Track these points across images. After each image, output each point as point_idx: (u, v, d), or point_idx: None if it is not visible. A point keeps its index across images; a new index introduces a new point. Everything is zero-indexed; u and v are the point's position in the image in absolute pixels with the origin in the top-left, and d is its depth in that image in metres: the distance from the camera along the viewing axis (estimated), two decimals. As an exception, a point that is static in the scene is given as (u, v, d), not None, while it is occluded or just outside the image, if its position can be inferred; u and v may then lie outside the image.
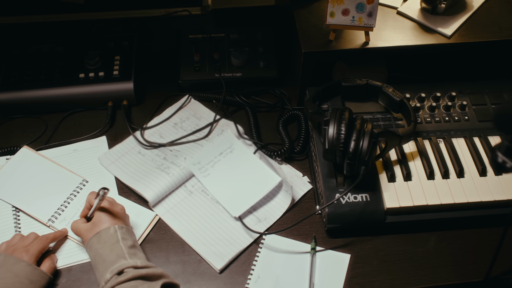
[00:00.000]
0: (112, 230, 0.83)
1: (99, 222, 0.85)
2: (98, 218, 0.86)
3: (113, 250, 0.81)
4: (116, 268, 0.78)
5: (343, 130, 0.86)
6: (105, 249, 0.82)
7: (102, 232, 0.83)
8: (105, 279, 0.78)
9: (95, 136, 1.07)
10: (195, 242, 0.91)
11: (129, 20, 1.28)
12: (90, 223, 0.87)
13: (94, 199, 0.86)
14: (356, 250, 0.91)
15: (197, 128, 1.06)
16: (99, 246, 0.82)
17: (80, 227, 0.87)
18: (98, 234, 0.83)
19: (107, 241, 0.82)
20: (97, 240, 0.83)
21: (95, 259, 0.82)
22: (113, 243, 0.82)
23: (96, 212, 0.87)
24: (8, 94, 1.08)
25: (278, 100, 1.12)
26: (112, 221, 0.85)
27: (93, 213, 0.87)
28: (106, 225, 0.84)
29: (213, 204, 0.96)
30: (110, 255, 0.81)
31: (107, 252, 0.81)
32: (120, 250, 0.81)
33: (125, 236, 0.84)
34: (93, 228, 0.85)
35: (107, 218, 0.85)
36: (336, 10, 0.98)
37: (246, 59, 1.12)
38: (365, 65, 1.08)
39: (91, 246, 0.83)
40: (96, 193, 0.87)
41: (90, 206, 0.88)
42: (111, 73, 1.10)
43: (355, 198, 0.90)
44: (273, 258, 0.90)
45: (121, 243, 0.82)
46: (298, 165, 1.03)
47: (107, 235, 0.83)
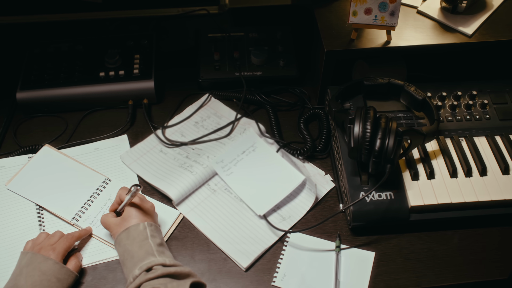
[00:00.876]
0: (141, 226, 0.84)
1: (128, 217, 0.85)
2: (128, 214, 0.86)
3: (142, 247, 0.81)
4: (145, 265, 0.78)
5: (369, 129, 0.87)
6: (134, 245, 0.82)
7: (131, 228, 0.83)
8: (133, 275, 0.78)
9: (116, 135, 1.07)
10: (220, 241, 0.91)
11: (146, 19, 1.28)
12: (120, 217, 0.87)
13: (126, 195, 0.86)
14: (380, 248, 0.91)
15: (218, 127, 1.06)
16: (128, 242, 0.83)
17: (109, 221, 0.88)
18: (127, 230, 0.83)
19: (136, 238, 0.82)
20: (126, 236, 0.83)
21: (124, 255, 0.83)
22: (142, 240, 0.82)
23: (126, 208, 0.87)
24: (28, 93, 1.08)
25: (298, 99, 1.12)
26: (141, 218, 0.86)
27: (123, 208, 0.87)
28: (136, 221, 0.85)
29: (236, 202, 0.96)
30: (139, 251, 0.81)
31: (136, 248, 0.81)
32: (149, 247, 0.81)
33: (154, 234, 0.84)
34: (123, 223, 0.85)
35: (137, 214, 0.86)
36: (359, 9, 0.98)
37: (266, 58, 1.13)
38: (385, 64, 1.08)
39: (120, 241, 0.84)
40: (127, 188, 0.88)
41: (120, 201, 0.89)
42: (131, 71, 1.10)
43: (380, 196, 0.91)
44: (298, 256, 0.90)
45: (150, 240, 0.82)
46: (320, 164, 1.03)
47: (136, 231, 0.83)
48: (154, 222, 0.88)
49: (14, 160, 1.02)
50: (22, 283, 0.80)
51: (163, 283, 0.75)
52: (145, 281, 0.76)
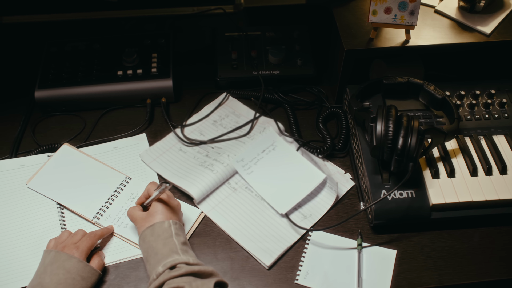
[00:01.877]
0: (166, 224, 0.84)
1: (155, 213, 0.86)
2: (154, 209, 0.87)
3: (166, 244, 0.82)
4: (169, 262, 0.78)
5: (391, 127, 0.87)
6: (158, 242, 0.82)
7: (156, 225, 0.84)
8: (157, 272, 0.78)
9: (134, 133, 1.07)
10: (242, 239, 0.91)
11: (161, 18, 1.29)
12: (146, 212, 0.88)
13: (154, 190, 0.87)
14: (402, 246, 0.92)
15: (237, 126, 1.07)
16: (152, 238, 0.83)
17: (136, 214, 0.88)
18: (152, 226, 0.84)
19: (161, 235, 0.83)
20: (150, 233, 0.83)
21: (147, 251, 0.83)
22: (166, 237, 0.82)
23: (153, 203, 0.87)
24: (47, 92, 1.08)
25: (316, 98, 1.12)
26: (167, 215, 0.86)
27: (150, 203, 0.88)
28: (161, 218, 0.85)
29: (257, 201, 0.96)
30: (163, 248, 0.81)
31: (160, 245, 0.82)
32: (173, 245, 0.82)
33: (178, 232, 0.84)
34: (148, 218, 0.86)
35: (163, 211, 0.86)
36: (379, 9, 0.99)
37: (284, 57, 1.13)
38: (402, 63, 1.09)
39: (144, 237, 0.84)
40: (156, 184, 0.89)
41: (148, 195, 0.89)
42: (149, 70, 1.10)
43: (401, 195, 0.91)
44: (320, 254, 0.91)
45: (174, 238, 0.83)
46: (339, 162, 1.03)
47: (161, 228, 0.83)
48: (179, 220, 0.88)
49: (34, 158, 1.02)
50: (47, 281, 0.80)
51: (187, 282, 0.75)
52: (169, 279, 0.76)
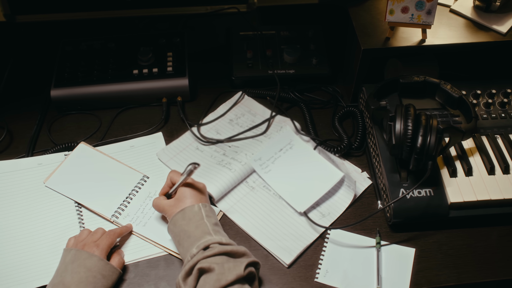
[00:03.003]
0: (196, 207, 0.85)
1: (183, 198, 0.87)
2: (182, 194, 0.87)
3: (198, 227, 0.82)
4: (202, 244, 0.79)
5: (410, 126, 0.87)
6: (190, 225, 0.83)
7: (187, 209, 0.85)
8: (191, 253, 0.79)
9: (150, 132, 1.07)
10: (261, 237, 0.91)
11: (174, 17, 1.29)
12: (174, 199, 0.88)
13: (181, 175, 0.87)
14: (420, 244, 0.92)
15: (253, 125, 1.07)
16: (184, 222, 0.84)
17: (163, 203, 0.89)
18: (182, 211, 0.85)
19: (192, 218, 0.84)
20: (181, 217, 0.84)
21: (180, 235, 0.84)
22: (198, 220, 0.83)
23: (180, 188, 0.88)
24: (63, 90, 1.08)
25: (331, 97, 1.13)
26: (196, 198, 0.87)
27: (176, 189, 0.88)
28: (190, 202, 0.86)
29: (275, 199, 0.96)
30: (195, 231, 0.82)
31: (192, 228, 0.82)
32: (205, 227, 0.82)
33: (209, 214, 0.85)
34: (178, 204, 0.86)
35: (192, 194, 0.87)
36: (396, 8, 0.99)
37: (299, 56, 1.13)
38: (417, 62, 1.09)
39: (175, 222, 0.85)
40: (178, 172, 0.89)
41: (171, 184, 0.90)
42: (165, 69, 1.11)
43: (419, 193, 0.91)
44: (339, 253, 0.91)
45: (206, 220, 0.84)
46: (355, 161, 1.04)
47: (191, 212, 0.84)
48: (207, 202, 0.89)
49: (51, 157, 1.02)
50: (68, 279, 0.80)
51: (220, 262, 0.76)
52: (203, 259, 0.77)
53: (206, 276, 0.76)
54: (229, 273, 0.75)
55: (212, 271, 0.75)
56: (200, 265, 0.76)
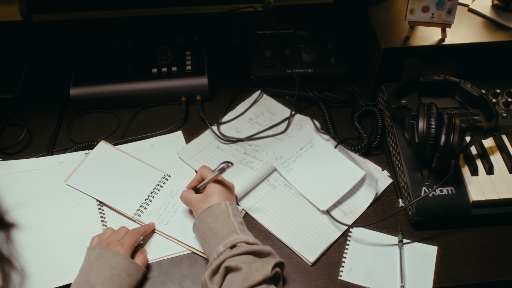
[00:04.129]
0: (223, 205, 0.85)
1: (212, 194, 0.87)
2: (211, 190, 0.87)
3: (225, 225, 0.83)
4: (229, 242, 0.79)
5: (433, 125, 0.88)
6: (217, 223, 0.83)
7: (214, 206, 0.85)
8: (217, 251, 0.79)
9: (170, 131, 1.07)
10: (284, 236, 0.92)
11: (190, 16, 1.29)
12: (202, 194, 0.89)
13: (212, 172, 0.88)
14: (442, 242, 0.92)
15: (272, 123, 1.07)
16: (210, 220, 0.84)
17: (191, 197, 0.89)
18: (209, 208, 0.85)
19: (219, 216, 0.84)
20: (208, 214, 0.84)
21: (206, 233, 0.84)
22: (224, 218, 0.83)
23: (210, 184, 0.88)
24: (82, 89, 1.08)
25: (350, 96, 1.13)
26: (224, 195, 0.87)
27: (205, 185, 0.89)
28: (218, 198, 0.86)
29: (297, 198, 0.97)
30: (222, 229, 0.82)
31: (219, 226, 0.83)
32: (232, 225, 0.83)
33: (235, 213, 0.85)
34: (206, 199, 0.86)
35: (221, 191, 0.87)
36: (417, 7, 0.99)
37: (317, 55, 1.14)
38: (435, 62, 1.09)
39: (202, 219, 0.85)
40: (209, 168, 0.90)
41: (201, 179, 0.90)
42: (184, 68, 1.11)
43: (441, 191, 0.92)
44: (362, 251, 0.91)
45: (232, 219, 0.84)
46: (375, 160, 1.04)
47: (218, 210, 0.84)
48: (234, 201, 0.89)
49: (71, 156, 1.02)
50: (94, 278, 0.80)
51: (247, 262, 0.76)
52: (230, 257, 0.77)
53: (233, 275, 0.76)
54: (256, 273, 0.75)
55: (240, 270, 0.75)
56: (227, 264, 0.76)
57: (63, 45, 1.25)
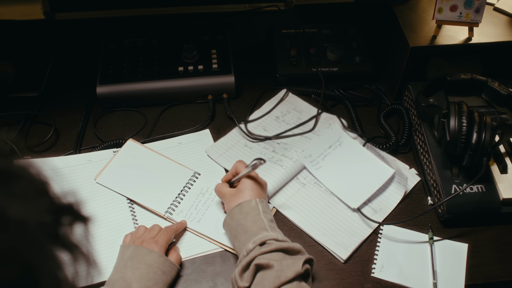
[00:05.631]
0: (253, 202, 0.85)
1: (245, 189, 0.87)
2: (244, 185, 0.88)
3: (255, 222, 0.83)
4: (259, 239, 0.79)
5: (465, 123, 0.88)
6: (247, 220, 0.83)
7: (244, 203, 0.85)
8: (247, 248, 0.79)
9: (197, 129, 1.07)
10: (316, 233, 0.92)
11: (212, 15, 1.29)
12: (235, 188, 0.89)
13: (245, 168, 0.88)
14: (472, 240, 0.93)
15: (299, 122, 1.07)
16: (241, 217, 0.84)
17: (225, 190, 0.90)
18: (240, 205, 0.85)
19: (249, 213, 0.84)
20: (239, 211, 0.85)
21: (236, 229, 0.84)
22: (254, 215, 0.83)
23: (243, 179, 0.88)
24: (108, 87, 1.08)
25: (375, 95, 1.14)
26: (256, 192, 0.87)
27: (239, 179, 0.89)
28: (250, 194, 0.86)
29: (327, 195, 0.97)
30: (252, 226, 0.82)
31: (249, 223, 0.83)
32: (262, 223, 0.83)
33: (265, 210, 0.85)
34: (238, 194, 0.87)
35: (253, 187, 0.87)
36: (445, 6, 1.00)
37: (343, 54, 1.14)
38: (460, 61, 1.10)
39: (232, 216, 0.85)
40: (244, 162, 0.90)
41: (235, 173, 0.91)
42: (210, 66, 1.11)
43: (471, 189, 0.93)
44: (393, 248, 0.92)
45: (262, 216, 0.84)
46: (402, 158, 1.04)
47: (248, 207, 0.85)
48: (265, 198, 0.89)
49: (100, 154, 1.02)
50: (129, 275, 0.80)
51: (278, 259, 0.76)
52: (259, 255, 0.77)
53: (264, 273, 0.76)
54: (288, 270, 0.75)
55: (271, 267, 0.75)
56: (258, 261, 0.76)
57: (86, 43, 1.25)
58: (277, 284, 0.74)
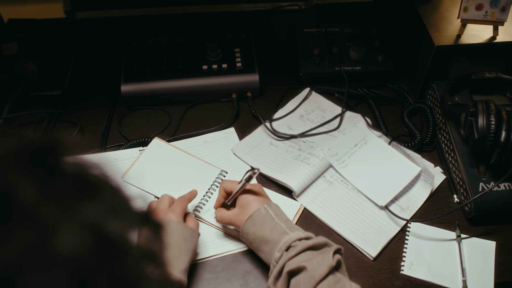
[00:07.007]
0: (263, 210, 0.83)
1: (247, 203, 0.84)
2: (244, 201, 0.85)
3: (273, 229, 0.81)
4: (283, 245, 0.78)
5: (493, 121, 0.89)
6: (264, 230, 0.81)
7: (254, 214, 0.82)
8: (275, 258, 0.78)
9: (222, 128, 1.08)
10: (345, 231, 0.92)
11: (233, 14, 1.30)
12: (237, 208, 0.86)
13: (238, 183, 0.86)
14: (500, 238, 0.93)
15: (324, 120, 1.08)
16: (256, 228, 0.82)
17: (227, 215, 0.87)
18: (250, 217, 0.83)
19: (263, 222, 0.82)
20: (251, 224, 0.82)
21: (256, 242, 0.82)
22: (269, 223, 0.82)
23: (240, 196, 0.86)
24: (132, 86, 1.08)
25: (397, 94, 1.14)
26: (259, 201, 0.85)
27: (235, 197, 0.87)
28: (255, 205, 0.84)
29: (354, 193, 0.98)
30: (271, 234, 0.80)
31: (267, 232, 0.81)
32: (279, 227, 0.81)
33: (277, 212, 0.84)
34: (243, 212, 0.84)
35: (254, 198, 0.85)
36: (470, 5, 1.01)
37: (365, 53, 1.14)
38: (483, 60, 1.11)
39: (247, 231, 0.83)
40: (229, 181, 0.88)
41: (225, 194, 0.89)
42: (234, 65, 1.11)
43: (498, 187, 0.93)
44: (421, 245, 0.92)
45: (277, 220, 0.82)
46: (426, 156, 1.05)
47: (260, 216, 0.82)
48: (270, 201, 0.87)
49: (126, 152, 1.02)
50: None
51: (307, 259, 0.75)
52: (288, 260, 0.76)
53: (298, 277, 0.75)
54: (320, 267, 0.74)
55: (303, 270, 0.74)
56: (289, 268, 0.75)
57: (106, 42, 1.25)
58: (313, 284, 0.73)
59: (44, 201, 0.33)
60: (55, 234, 0.32)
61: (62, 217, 0.34)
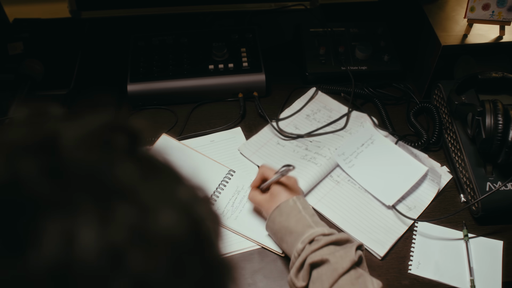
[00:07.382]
0: (291, 202, 0.85)
1: (277, 193, 0.87)
2: (276, 190, 0.87)
3: (298, 221, 0.82)
4: (307, 238, 0.79)
5: (501, 120, 0.89)
6: (290, 221, 0.83)
7: (282, 205, 0.85)
8: (297, 249, 0.79)
9: (229, 127, 1.08)
10: (352, 230, 0.93)
11: (238, 14, 1.29)
12: (268, 194, 0.89)
13: (274, 174, 0.87)
14: (507, 237, 0.93)
15: (330, 120, 1.08)
16: (282, 219, 0.84)
17: (259, 198, 0.90)
18: (278, 207, 0.85)
19: (290, 213, 0.84)
20: (279, 214, 0.84)
21: (280, 232, 0.84)
22: (295, 215, 0.83)
23: (273, 185, 0.88)
24: (139, 85, 1.08)
25: (403, 93, 1.14)
26: (289, 192, 0.87)
27: (269, 185, 0.89)
28: (285, 196, 0.86)
29: (361, 193, 0.98)
30: (296, 226, 0.82)
31: (292, 223, 0.82)
32: (305, 220, 0.83)
33: (305, 206, 0.85)
34: (272, 199, 0.87)
35: (285, 190, 0.87)
36: (477, 5, 1.01)
37: (371, 53, 1.15)
38: (490, 59, 1.11)
39: (273, 220, 0.85)
40: (268, 167, 0.90)
41: (262, 177, 0.90)
42: (240, 64, 1.11)
43: (506, 186, 0.93)
44: (429, 245, 0.92)
45: (304, 213, 0.84)
46: (433, 156, 1.05)
47: (287, 207, 0.84)
48: (301, 194, 0.89)
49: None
50: None
51: (330, 253, 0.76)
52: (311, 253, 0.77)
53: (320, 269, 0.76)
54: (342, 261, 0.75)
55: (326, 262, 0.76)
56: (311, 260, 0.76)
57: (112, 42, 1.25)
58: (336, 277, 0.74)
59: (144, 180, 0.34)
60: (154, 213, 0.32)
61: (161, 197, 0.34)
